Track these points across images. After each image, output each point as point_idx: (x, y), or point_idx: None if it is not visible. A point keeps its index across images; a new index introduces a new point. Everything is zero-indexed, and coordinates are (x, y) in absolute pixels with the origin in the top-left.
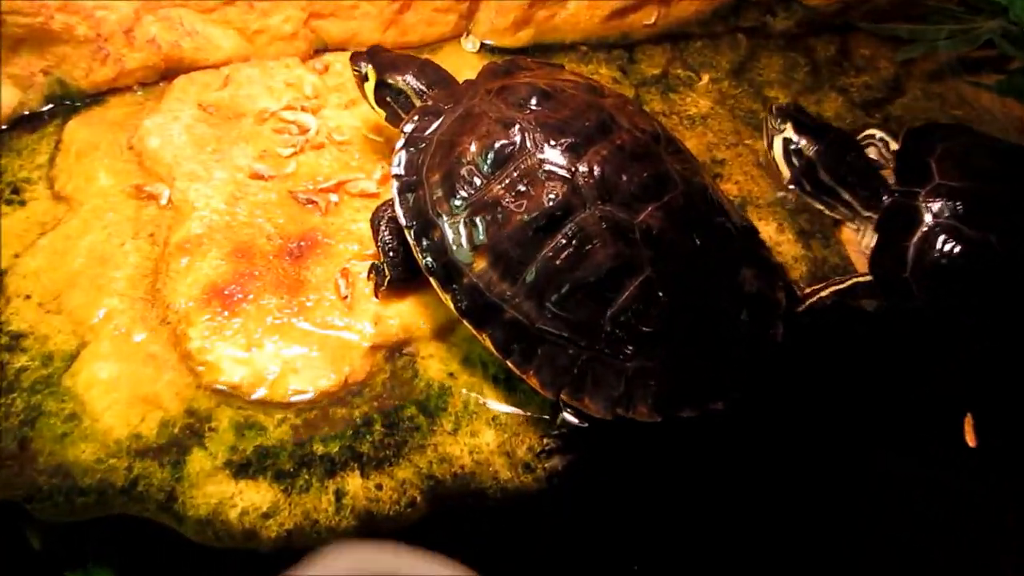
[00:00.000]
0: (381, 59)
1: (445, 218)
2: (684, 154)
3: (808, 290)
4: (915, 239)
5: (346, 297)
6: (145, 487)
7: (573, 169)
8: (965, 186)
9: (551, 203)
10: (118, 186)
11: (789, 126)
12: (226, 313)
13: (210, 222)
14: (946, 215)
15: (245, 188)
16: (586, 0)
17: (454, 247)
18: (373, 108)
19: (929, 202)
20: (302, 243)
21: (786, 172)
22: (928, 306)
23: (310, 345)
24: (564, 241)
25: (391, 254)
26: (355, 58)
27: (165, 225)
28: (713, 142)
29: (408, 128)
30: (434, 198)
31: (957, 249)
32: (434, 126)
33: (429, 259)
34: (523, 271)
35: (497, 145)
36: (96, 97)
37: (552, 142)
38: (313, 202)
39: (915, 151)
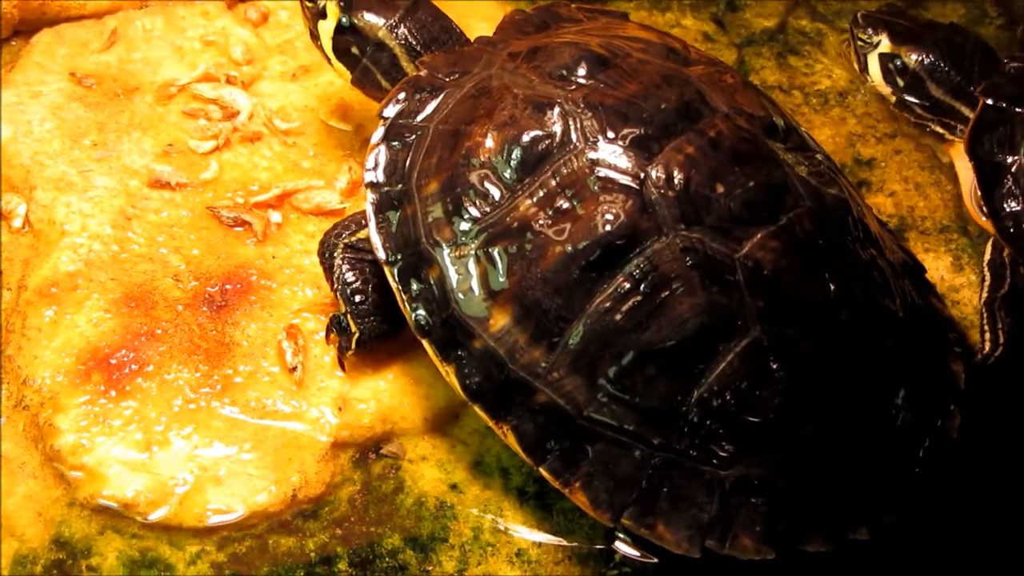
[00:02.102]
0: None
1: (446, 249)
2: (813, 152)
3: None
4: None
5: (294, 369)
6: None
7: (642, 175)
8: None
9: (608, 227)
10: None
11: (884, 37)
12: (113, 393)
13: (89, 254)
14: None
15: (141, 201)
16: None
17: (460, 295)
18: (329, 61)
19: None
20: (227, 286)
21: (889, 95)
22: None
23: (240, 442)
24: (628, 285)
25: (356, 300)
26: None
27: (20, 259)
28: (857, 132)
29: (391, 111)
30: (430, 219)
31: None
32: (430, 108)
33: (421, 312)
34: (565, 331)
35: (526, 138)
36: None
37: (610, 133)
38: (244, 223)
39: None
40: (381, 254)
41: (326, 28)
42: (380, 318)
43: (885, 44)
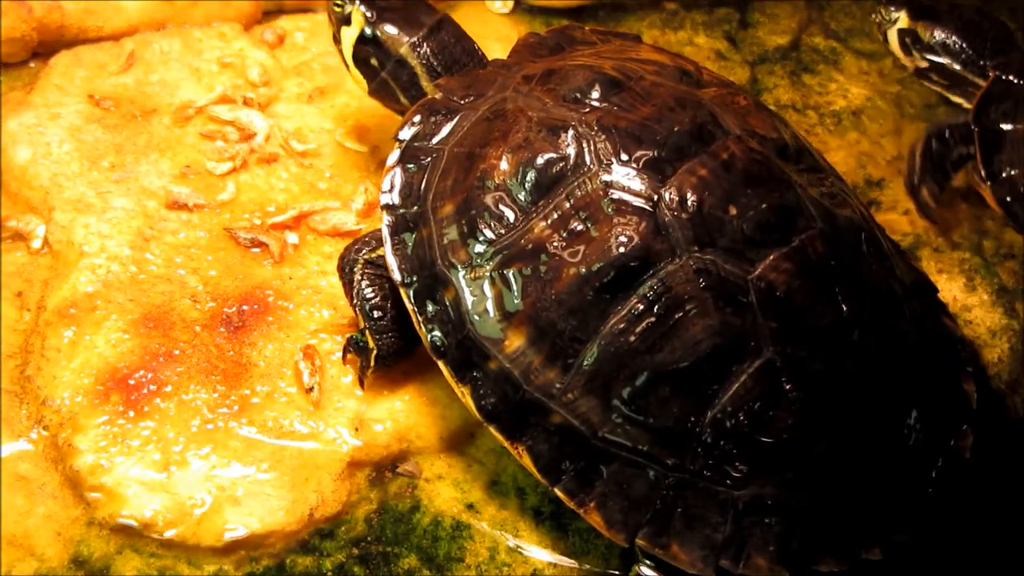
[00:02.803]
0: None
1: (462, 271)
2: (825, 173)
3: None
4: None
5: (311, 389)
6: None
7: (655, 197)
8: None
9: (622, 249)
10: None
11: (904, 15)
12: (131, 413)
13: (107, 275)
14: None
15: (159, 223)
16: None
17: (475, 316)
18: (347, 67)
19: None
20: (244, 307)
21: (909, 65)
22: None
23: (258, 462)
24: (642, 307)
25: (375, 315)
26: None
27: (39, 280)
28: (869, 153)
29: (406, 134)
30: (445, 241)
31: None
32: (445, 131)
33: (437, 334)
34: (580, 352)
35: (540, 161)
36: None
37: (623, 156)
38: (261, 244)
39: None
40: (397, 276)
41: (349, 35)
42: (398, 334)
43: (903, 20)
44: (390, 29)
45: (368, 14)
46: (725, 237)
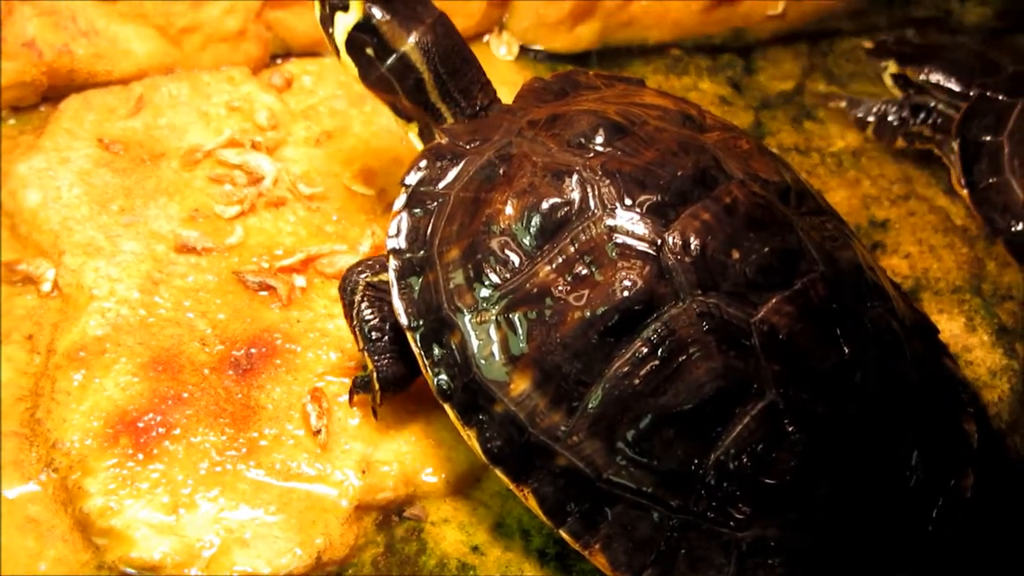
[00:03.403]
0: None
1: (468, 315)
2: (827, 216)
3: None
4: None
5: (319, 432)
6: None
7: (659, 241)
8: None
9: (626, 293)
10: None
11: (892, 62)
12: (140, 456)
13: (116, 319)
14: None
15: (168, 266)
16: None
17: (481, 359)
18: (336, 52)
19: None
20: (253, 350)
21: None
22: None
23: (266, 504)
24: (646, 350)
25: (373, 337)
26: None
27: (49, 323)
28: (872, 195)
29: (412, 179)
30: (451, 285)
31: None
32: (451, 176)
33: (443, 377)
34: (585, 395)
35: (545, 206)
36: None
37: (627, 201)
38: (269, 288)
39: None
40: (404, 320)
41: (344, 21)
42: (395, 357)
43: (893, 66)
44: (392, 22)
45: (369, 4)
46: (728, 281)
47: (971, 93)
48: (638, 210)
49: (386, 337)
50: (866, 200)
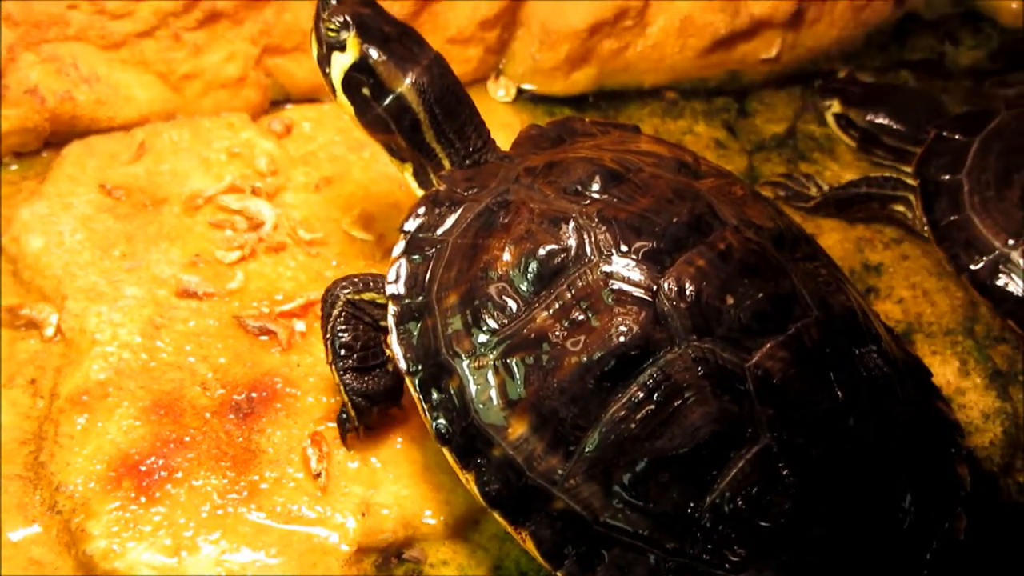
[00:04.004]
0: (380, 30)
1: (466, 360)
2: (820, 260)
3: None
4: None
5: (319, 475)
6: None
7: (654, 287)
8: None
9: (622, 338)
10: None
11: (836, 102)
12: (143, 499)
13: (119, 363)
14: None
15: (170, 311)
16: (675, 23)
17: (479, 404)
18: (332, 91)
19: None
20: (253, 394)
21: (851, 143)
22: None
23: (267, 547)
24: (642, 395)
25: (342, 353)
26: (335, 9)
27: (52, 367)
28: (865, 238)
29: (411, 226)
30: (449, 331)
31: None
32: (449, 222)
33: (442, 421)
34: (581, 439)
35: (542, 252)
36: None
37: (623, 247)
38: (269, 332)
39: None
40: (403, 364)
41: (341, 61)
42: (358, 375)
43: (836, 107)
44: (389, 62)
45: (365, 44)
46: (723, 326)
47: (923, 135)
48: (634, 256)
49: (354, 356)
50: (859, 243)
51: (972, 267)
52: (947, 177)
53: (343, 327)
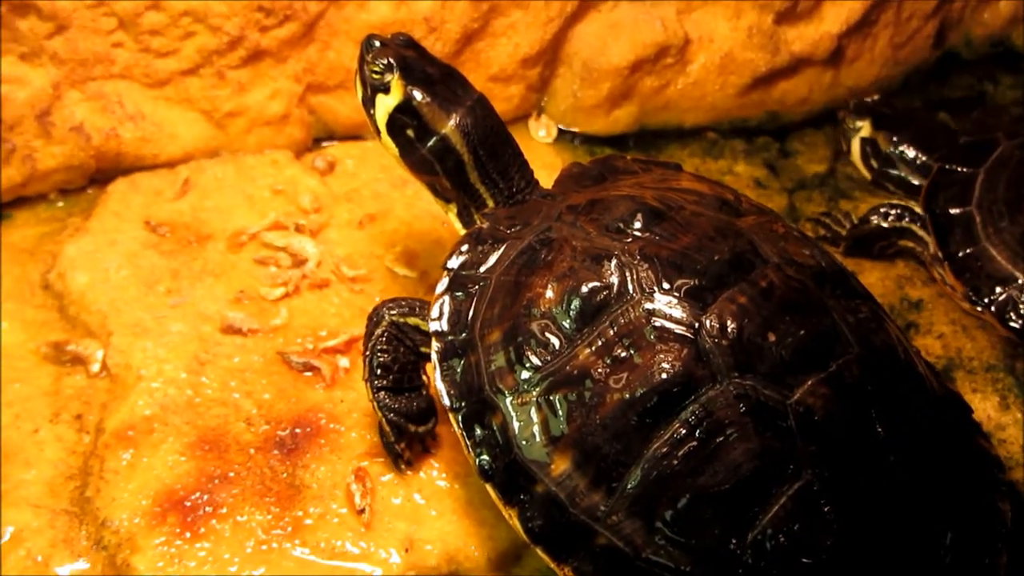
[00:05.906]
0: (424, 72)
1: (509, 397)
2: (861, 298)
3: None
4: None
5: (363, 511)
6: None
7: (696, 325)
8: None
9: (664, 375)
10: (28, 344)
11: (867, 123)
12: (188, 534)
13: (164, 398)
14: None
15: (214, 347)
16: (715, 60)
17: (522, 440)
18: (377, 133)
19: None
20: (297, 430)
21: (867, 175)
22: None
23: None
24: (684, 431)
25: (378, 372)
26: (379, 52)
27: (98, 403)
28: (905, 275)
29: (454, 263)
30: (492, 367)
31: None
32: (492, 260)
33: (485, 458)
34: (624, 476)
35: (584, 289)
36: None
37: (665, 285)
38: (313, 368)
39: None
40: (446, 401)
41: (386, 103)
42: (392, 395)
43: (866, 128)
44: (433, 104)
45: (409, 86)
46: (764, 363)
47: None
48: (676, 294)
49: (391, 376)
50: (900, 280)
51: (994, 298)
52: (957, 210)
53: (384, 347)
